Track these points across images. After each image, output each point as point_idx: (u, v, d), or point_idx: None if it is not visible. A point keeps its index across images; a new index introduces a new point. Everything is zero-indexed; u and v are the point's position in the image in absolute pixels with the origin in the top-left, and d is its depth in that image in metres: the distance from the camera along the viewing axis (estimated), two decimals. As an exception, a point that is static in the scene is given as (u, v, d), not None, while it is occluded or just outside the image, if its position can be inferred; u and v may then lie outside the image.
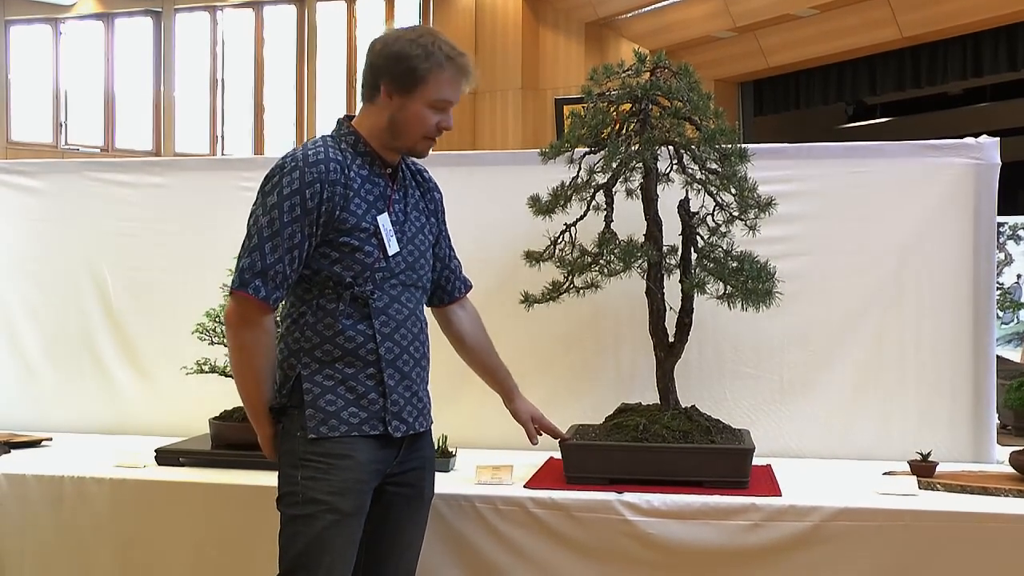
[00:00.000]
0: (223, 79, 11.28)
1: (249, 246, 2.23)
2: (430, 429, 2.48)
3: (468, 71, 2.33)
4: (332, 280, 2.25)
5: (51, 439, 3.36)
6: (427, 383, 2.43)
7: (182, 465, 2.94)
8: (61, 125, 10.32)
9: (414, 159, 2.48)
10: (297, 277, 2.26)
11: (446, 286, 2.60)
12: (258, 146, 11.27)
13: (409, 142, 2.33)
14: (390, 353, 2.29)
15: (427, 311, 2.57)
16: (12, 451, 3.17)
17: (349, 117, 2.39)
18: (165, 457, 2.97)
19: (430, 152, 2.41)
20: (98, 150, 10.39)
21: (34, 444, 3.29)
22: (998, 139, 3.16)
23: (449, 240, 2.61)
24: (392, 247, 2.29)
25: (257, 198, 2.27)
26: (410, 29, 2.34)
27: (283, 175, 2.23)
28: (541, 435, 2.73)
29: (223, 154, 10.88)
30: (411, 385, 2.34)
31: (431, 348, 2.64)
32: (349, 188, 2.25)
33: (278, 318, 2.35)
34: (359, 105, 2.39)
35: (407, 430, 2.32)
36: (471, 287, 2.67)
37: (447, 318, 2.65)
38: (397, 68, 2.27)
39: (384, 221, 2.29)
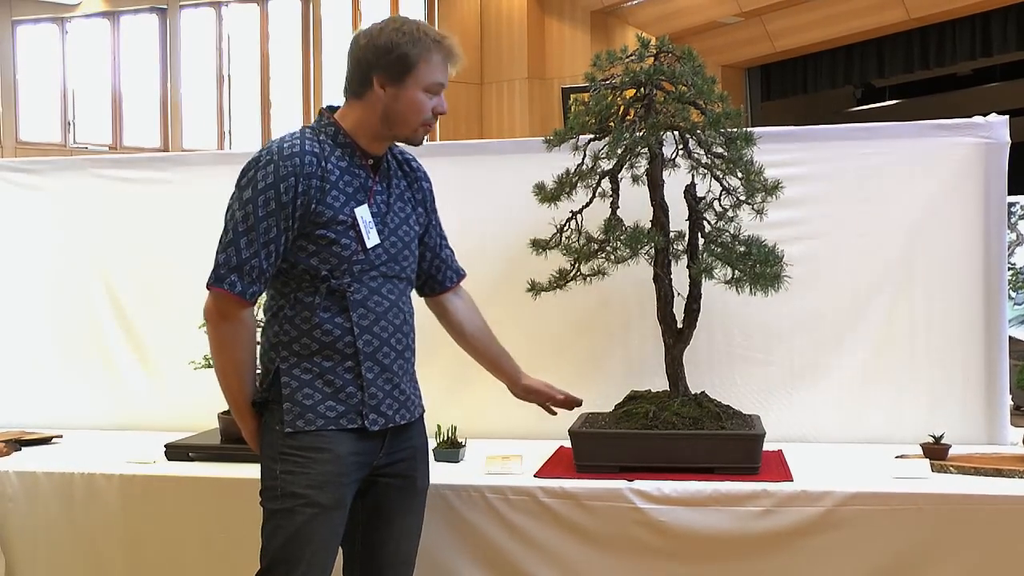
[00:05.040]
0: (229, 75, 11.29)
1: (225, 241, 2.22)
2: (422, 418, 2.45)
3: (455, 53, 2.30)
4: (309, 273, 2.23)
5: (61, 436, 3.36)
6: (412, 374, 2.40)
7: (191, 460, 2.95)
8: (69, 124, 10.35)
9: (401, 148, 2.45)
10: (275, 271, 2.25)
11: (437, 275, 2.57)
12: (265, 141, 11.25)
13: (408, 130, 2.30)
14: (368, 346, 2.26)
15: (419, 302, 2.55)
16: (23, 448, 3.17)
17: (331, 108, 2.34)
18: (174, 452, 2.97)
19: (426, 140, 2.41)
20: (106, 148, 10.42)
21: (44, 441, 3.29)
22: (1007, 118, 3.13)
23: (440, 228, 2.57)
24: (371, 239, 2.26)
25: (234, 192, 2.25)
26: (390, 20, 2.31)
27: (258, 169, 2.21)
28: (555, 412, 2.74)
29: (230, 150, 10.89)
30: (392, 378, 2.30)
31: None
32: (326, 181, 2.22)
33: (260, 311, 2.34)
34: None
35: (386, 423, 2.29)
36: (464, 276, 2.64)
37: (442, 307, 2.61)
38: (388, 58, 2.24)
39: (363, 213, 2.26)
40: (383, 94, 2.26)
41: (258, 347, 2.33)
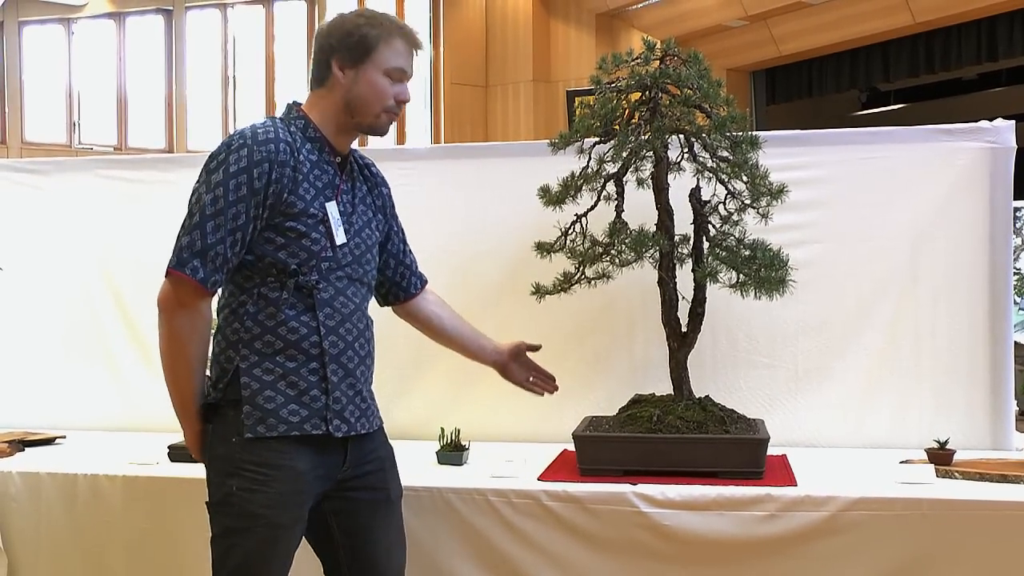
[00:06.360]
0: (235, 76, 11.30)
1: (189, 224, 2.11)
2: (382, 429, 2.37)
3: (417, 42, 2.26)
4: (276, 267, 2.14)
5: (64, 437, 3.36)
6: (371, 383, 2.32)
7: (194, 461, 2.93)
8: (74, 125, 10.36)
9: (361, 153, 2.42)
10: (238, 262, 2.14)
11: (401, 282, 2.51)
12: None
13: (370, 117, 2.23)
14: (334, 347, 2.17)
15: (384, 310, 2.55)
16: (26, 449, 3.17)
17: (298, 103, 2.29)
18: (177, 454, 2.97)
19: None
20: (111, 149, 10.43)
21: (48, 442, 3.29)
22: (1013, 122, 3.12)
23: (403, 235, 2.51)
24: (340, 237, 2.19)
25: (200, 175, 2.15)
26: (355, 10, 2.29)
27: (230, 152, 2.12)
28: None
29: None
30: (355, 383, 2.22)
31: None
32: (298, 171, 2.14)
33: (214, 307, 2.22)
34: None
35: (348, 431, 2.19)
36: (427, 282, 2.59)
37: (411, 311, 2.55)
38: (347, 41, 2.20)
39: (332, 209, 2.19)
40: (342, 77, 2.21)
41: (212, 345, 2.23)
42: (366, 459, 2.29)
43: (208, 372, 2.23)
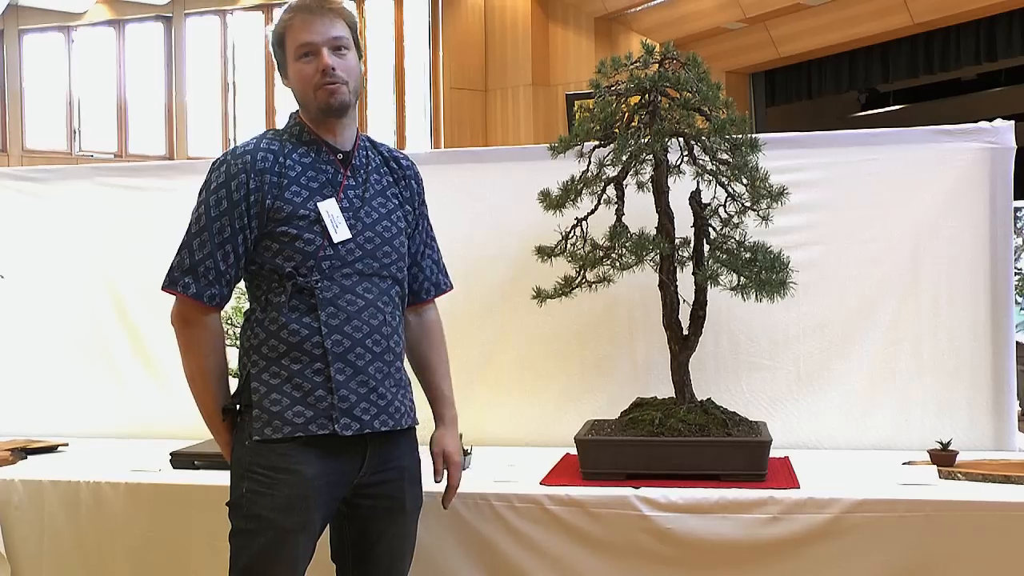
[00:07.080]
0: (234, 82, 11.30)
1: (180, 244, 2.23)
2: (412, 431, 2.34)
3: (309, 5, 2.25)
4: (276, 273, 2.18)
5: (67, 444, 3.37)
6: (399, 380, 2.27)
7: (197, 468, 2.94)
8: (75, 132, 10.37)
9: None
10: (239, 273, 2.22)
11: (413, 285, 2.42)
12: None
13: (311, 102, 2.25)
14: (338, 346, 2.16)
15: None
16: (28, 457, 3.17)
17: (297, 111, 2.33)
18: (180, 460, 2.97)
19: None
20: (112, 156, 10.43)
21: (50, 449, 3.30)
22: (1012, 123, 3.12)
23: (426, 236, 2.45)
24: (340, 234, 2.19)
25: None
26: None
27: (212, 171, 2.22)
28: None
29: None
30: (367, 380, 2.19)
31: (448, 345, 2.59)
32: (284, 176, 2.19)
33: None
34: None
35: (361, 428, 2.17)
36: (446, 290, 2.50)
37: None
38: (274, 55, 2.31)
39: (329, 207, 2.20)
40: (286, 83, 2.31)
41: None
42: (387, 466, 2.27)
43: None
